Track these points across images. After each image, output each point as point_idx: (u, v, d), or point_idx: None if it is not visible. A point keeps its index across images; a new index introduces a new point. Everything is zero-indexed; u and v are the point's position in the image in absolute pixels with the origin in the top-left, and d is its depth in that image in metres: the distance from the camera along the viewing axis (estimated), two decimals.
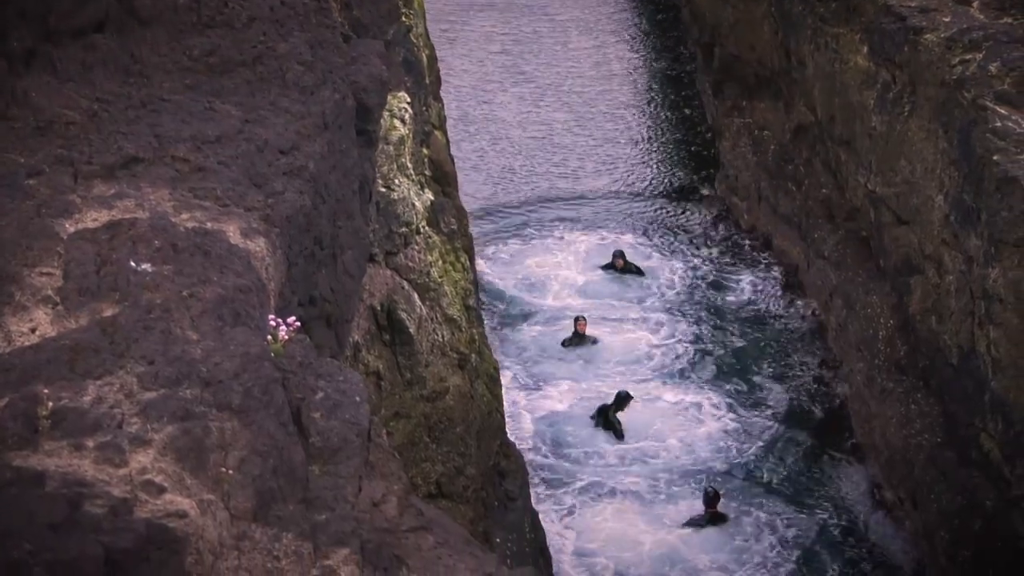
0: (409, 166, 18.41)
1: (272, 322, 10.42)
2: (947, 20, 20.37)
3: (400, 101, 18.19)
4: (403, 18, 19.71)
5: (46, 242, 10.74)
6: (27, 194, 11.40)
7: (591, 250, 28.37)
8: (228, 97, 13.63)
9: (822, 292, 25.04)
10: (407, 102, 18.39)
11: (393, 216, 17.80)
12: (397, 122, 17.94)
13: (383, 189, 17.62)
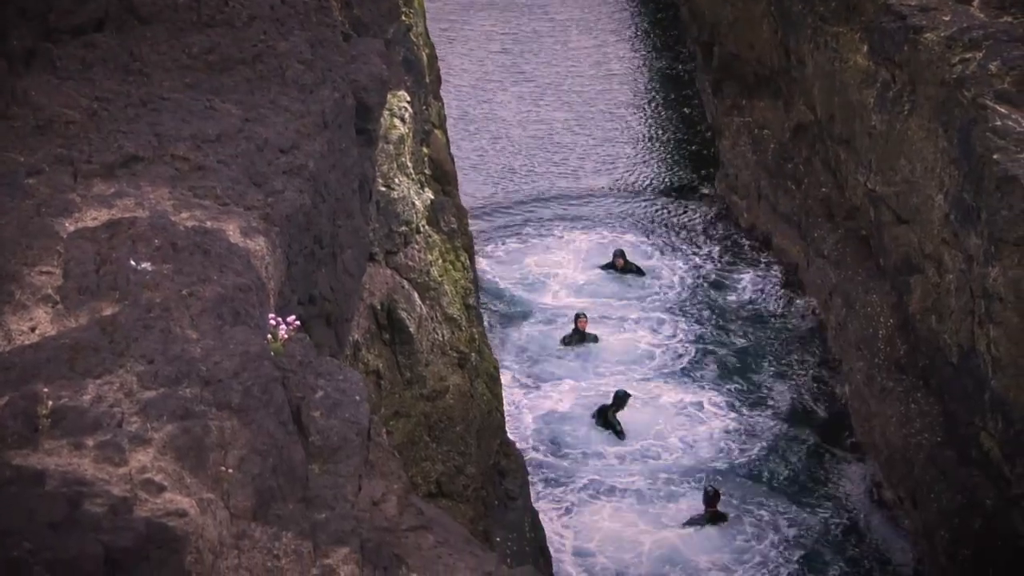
0: (409, 165, 18.40)
1: (272, 321, 10.42)
2: (947, 19, 20.36)
3: (400, 100, 18.18)
4: (403, 17, 19.70)
5: (46, 241, 10.75)
6: (27, 193, 11.40)
7: (591, 249, 28.34)
8: (228, 96, 13.62)
9: (822, 291, 25.02)
10: (407, 101, 18.38)
11: (393, 215, 17.79)
12: (397, 121, 17.94)
13: (383, 188, 17.62)
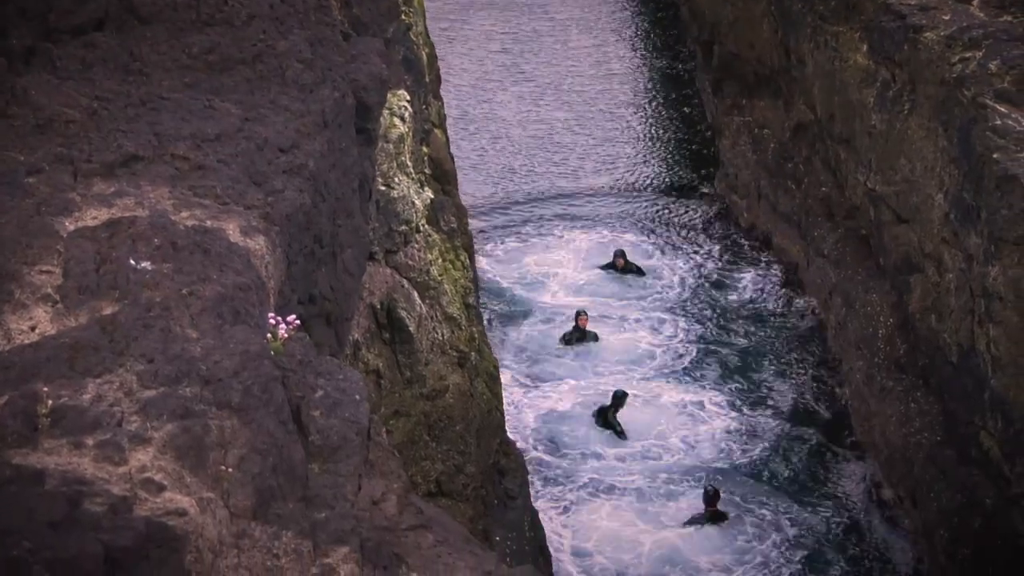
0: (409, 164, 18.40)
1: (272, 320, 10.42)
2: (947, 18, 20.36)
3: (400, 99, 18.18)
4: (403, 16, 19.70)
5: (46, 240, 10.75)
6: (27, 192, 11.40)
7: (591, 248, 28.34)
8: (228, 95, 13.62)
9: (822, 290, 25.02)
10: (407, 100, 18.38)
11: (393, 214, 17.79)
12: (397, 120, 17.94)
13: (383, 187, 17.62)
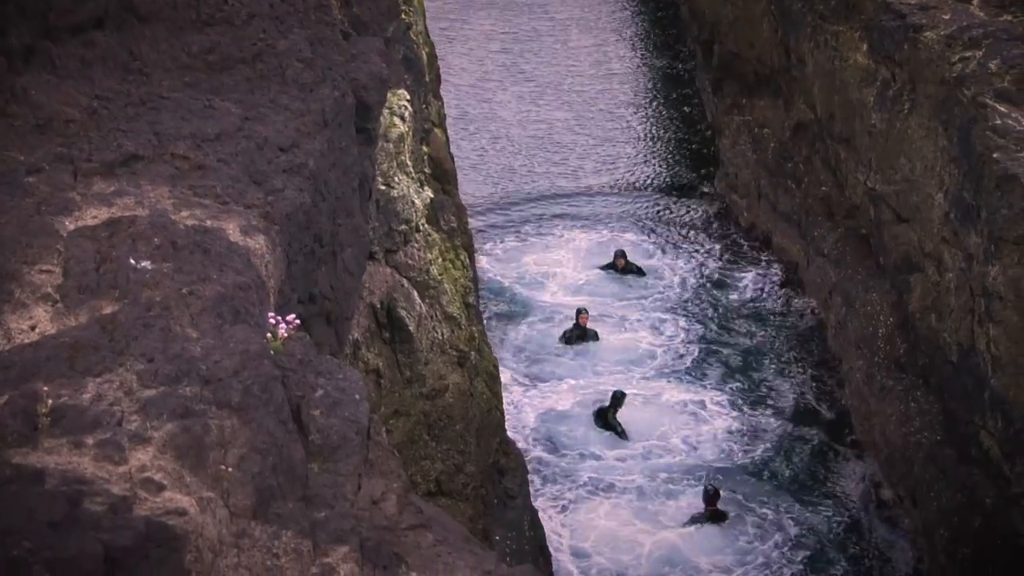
0: (409, 164, 18.40)
1: (272, 320, 10.42)
2: (947, 18, 20.36)
3: (400, 99, 18.18)
4: (403, 16, 19.70)
5: (46, 240, 10.75)
6: (27, 192, 11.40)
7: (591, 248, 28.35)
8: (228, 94, 13.62)
9: (822, 290, 25.02)
10: (407, 100, 18.38)
11: (393, 214, 17.79)
12: (397, 120, 17.94)
13: (383, 187, 17.62)
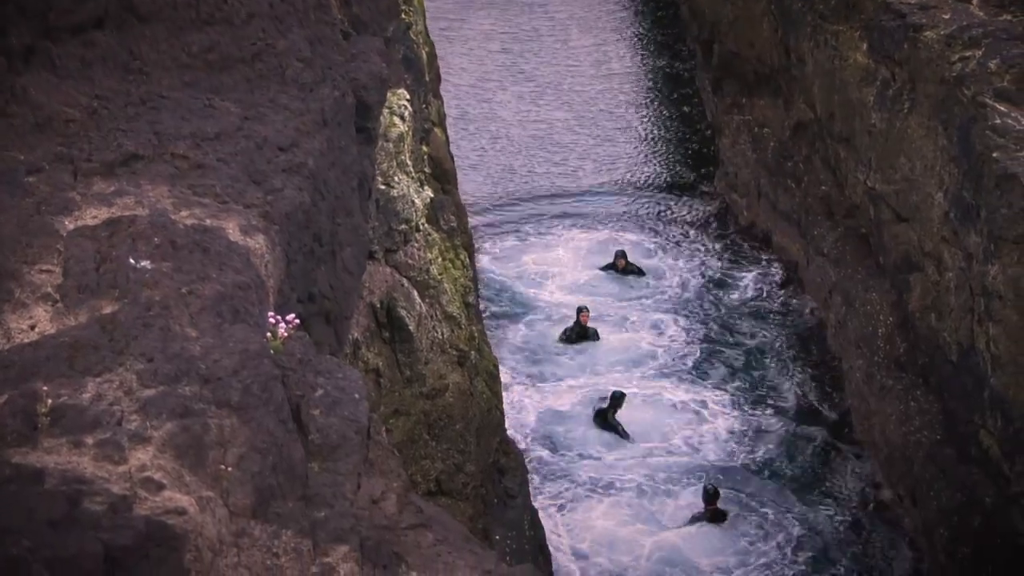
0: (409, 163, 18.40)
1: (271, 319, 10.42)
2: (947, 17, 20.35)
3: (400, 98, 18.18)
4: (403, 15, 19.70)
5: (46, 239, 10.75)
6: (27, 191, 11.41)
7: (591, 248, 28.33)
8: (227, 94, 13.63)
9: (821, 289, 25.02)
10: (407, 99, 18.38)
11: (393, 213, 17.79)
12: (397, 119, 17.94)
13: (383, 186, 17.62)
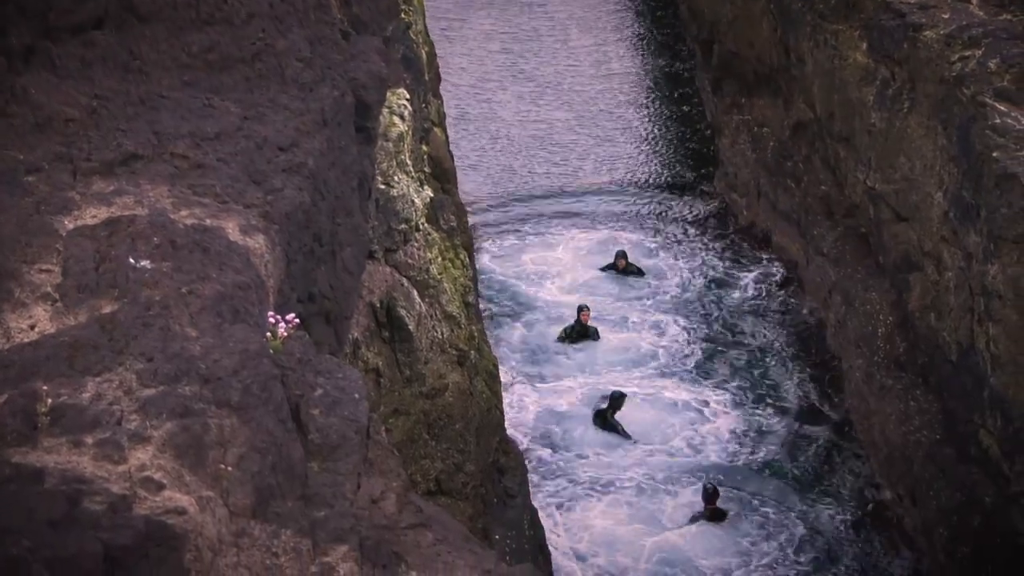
0: (408, 163, 18.39)
1: (271, 319, 10.43)
2: (946, 17, 20.35)
3: (399, 98, 18.17)
4: (402, 15, 19.69)
5: (45, 239, 10.76)
6: (26, 191, 11.41)
7: (591, 248, 28.33)
8: (227, 94, 13.63)
9: (821, 289, 25.02)
10: (406, 99, 18.37)
11: (392, 213, 17.79)
12: (396, 119, 17.93)
13: (382, 186, 17.61)
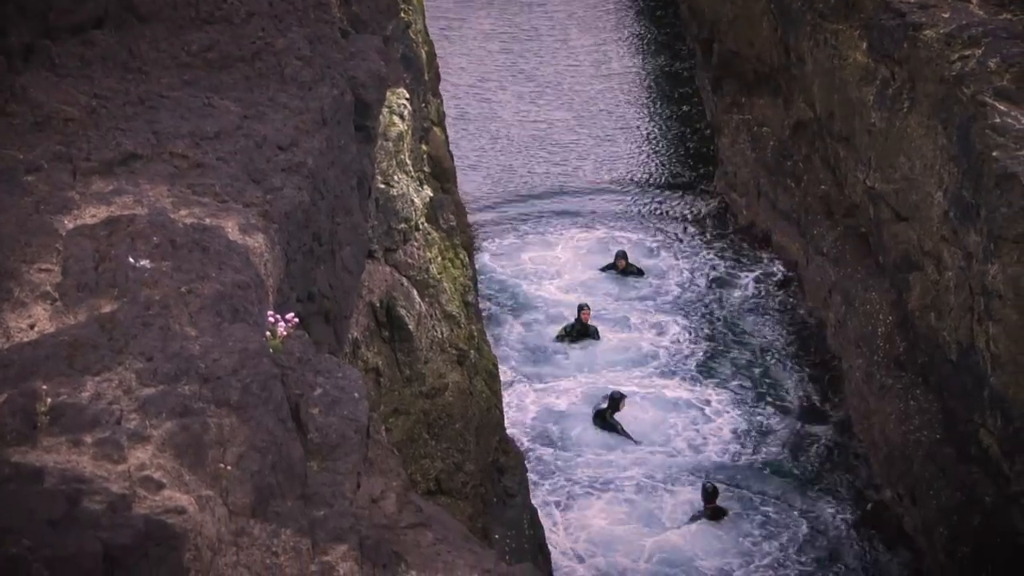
0: (408, 162, 18.39)
1: (271, 318, 10.42)
2: (946, 16, 20.35)
3: (399, 97, 18.16)
4: (402, 14, 19.69)
5: (45, 238, 10.75)
6: (26, 190, 11.41)
7: (591, 247, 28.33)
8: (227, 93, 13.63)
9: (821, 288, 25.02)
10: (406, 98, 18.36)
11: (392, 212, 17.78)
12: (396, 118, 17.93)
13: (382, 185, 17.61)
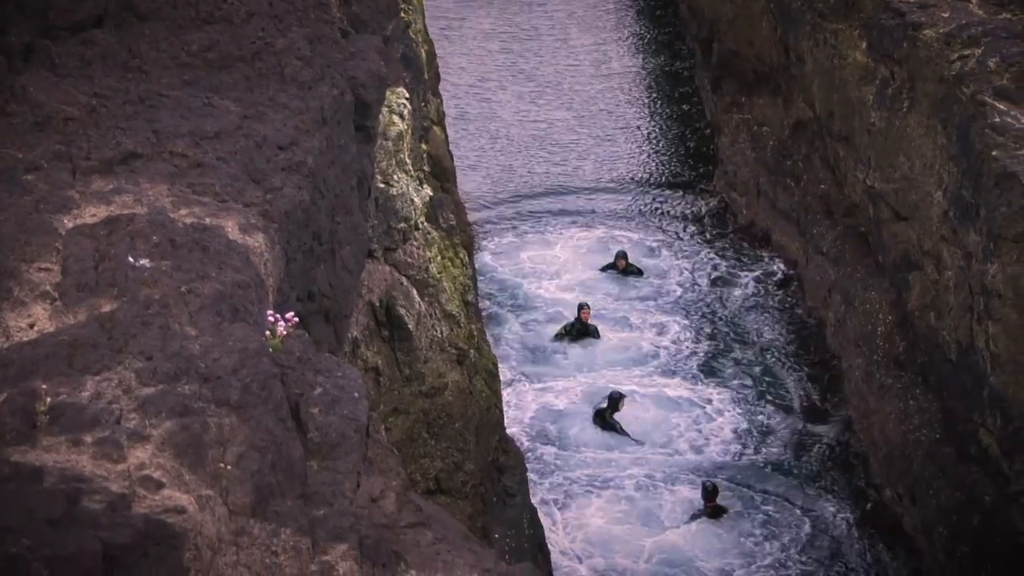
0: (408, 162, 18.39)
1: (270, 318, 10.43)
2: (946, 16, 20.35)
3: (399, 97, 18.17)
4: (402, 14, 19.69)
5: (44, 237, 10.75)
6: (25, 189, 11.41)
7: (591, 247, 28.33)
8: (226, 93, 13.63)
9: (821, 288, 25.03)
10: (406, 98, 18.37)
11: (392, 212, 17.79)
12: (396, 118, 17.93)
13: (382, 185, 17.61)
